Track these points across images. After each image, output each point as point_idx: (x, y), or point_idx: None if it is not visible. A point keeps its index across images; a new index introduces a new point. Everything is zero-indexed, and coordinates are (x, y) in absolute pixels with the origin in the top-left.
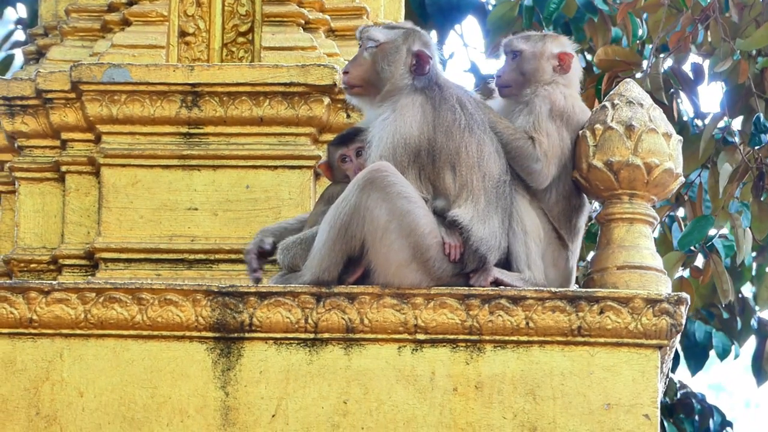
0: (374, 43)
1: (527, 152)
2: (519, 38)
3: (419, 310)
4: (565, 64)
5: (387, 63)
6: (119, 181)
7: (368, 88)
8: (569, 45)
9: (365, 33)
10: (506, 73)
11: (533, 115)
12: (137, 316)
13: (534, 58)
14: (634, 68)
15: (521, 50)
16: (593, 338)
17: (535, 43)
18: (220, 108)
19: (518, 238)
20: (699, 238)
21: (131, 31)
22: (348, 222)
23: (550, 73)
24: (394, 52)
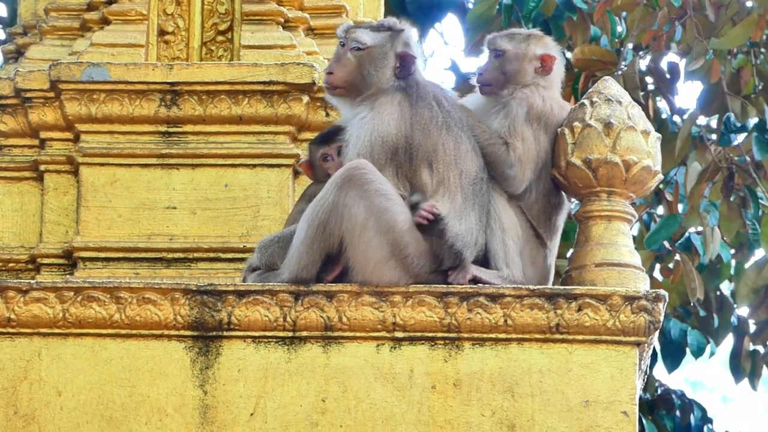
0: (361, 45)
1: (501, 158)
2: (503, 37)
3: (398, 308)
4: (547, 66)
5: (374, 68)
6: (98, 180)
7: (351, 90)
8: (553, 47)
9: (351, 34)
10: (488, 72)
11: (509, 119)
12: (115, 315)
13: (516, 59)
14: (611, 67)
15: (505, 50)
16: (571, 335)
17: (519, 43)
18: (199, 107)
19: (496, 236)
20: (666, 236)
21: (110, 29)
22: (326, 220)
23: (531, 74)
24: (382, 57)
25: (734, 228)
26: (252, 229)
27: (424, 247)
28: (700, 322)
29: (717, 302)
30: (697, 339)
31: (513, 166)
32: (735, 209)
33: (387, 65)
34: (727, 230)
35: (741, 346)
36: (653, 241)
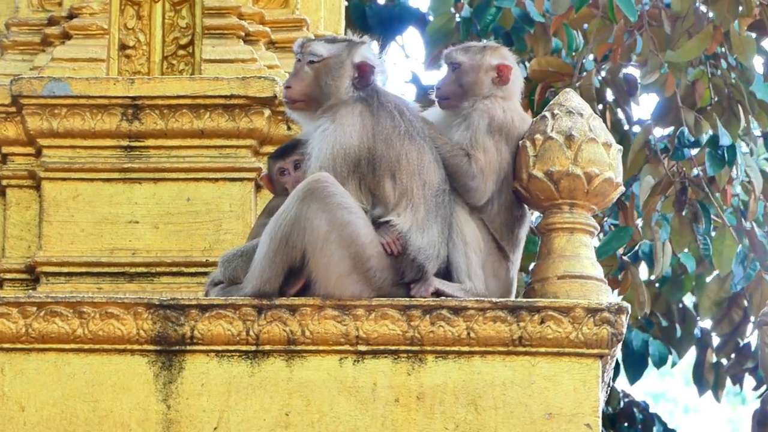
0: (317, 58)
1: (463, 169)
2: (458, 50)
3: (360, 322)
4: (504, 76)
5: (331, 78)
6: (60, 195)
7: (310, 103)
8: (509, 56)
9: (306, 48)
10: (445, 85)
11: (470, 131)
12: (78, 329)
13: (473, 71)
14: (568, 79)
15: (460, 62)
16: (534, 348)
17: (474, 55)
18: (160, 121)
19: (458, 249)
20: (617, 247)
21: (71, 44)
22: (288, 233)
23: (488, 85)
24: (338, 67)
25: (685, 243)
26: (214, 243)
27: (387, 260)
28: (662, 333)
29: (679, 314)
30: (659, 349)
31: (475, 177)
32: (687, 224)
33: (344, 75)
34: (678, 245)
35: (704, 358)
36: (603, 252)
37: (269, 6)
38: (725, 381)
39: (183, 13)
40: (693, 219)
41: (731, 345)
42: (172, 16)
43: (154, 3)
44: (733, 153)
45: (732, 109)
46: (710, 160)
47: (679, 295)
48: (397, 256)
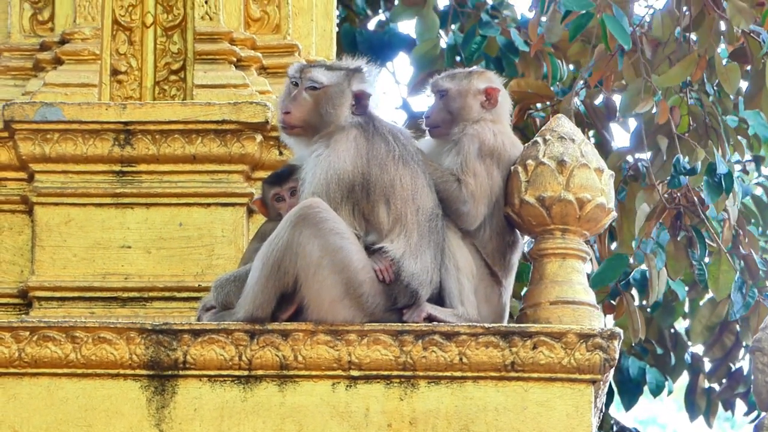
0: (318, 85)
1: (454, 194)
2: (445, 77)
3: (353, 347)
4: (492, 98)
5: (332, 106)
6: (52, 220)
7: (307, 129)
8: (495, 79)
9: (306, 73)
10: (434, 113)
11: (461, 156)
12: (71, 354)
13: (460, 96)
14: (546, 101)
15: (447, 89)
16: (527, 373)
17: (461, 80)
18: (152, 146)
19: (451, 274)
20: (613, 276)
21: (63, 69)
22: (281, 258)
23: (477, 110)
24: (339, 95)
25: (681, 268)
26: (207, 268)
27: (379, 285)
28: (656, 360)
29: (671, 340)
30: (656, 377)
31: (466, 202)
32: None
33: (344, 104)
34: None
35: (696, 383)
36: (598, 281)
37: (261, 31)
38: (717, 406)
39: (174, 39)
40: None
41: (723, 370)
42: (163, 41)
43: (146, 28)
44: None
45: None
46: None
47: (670, 320)
48: (389, 283)
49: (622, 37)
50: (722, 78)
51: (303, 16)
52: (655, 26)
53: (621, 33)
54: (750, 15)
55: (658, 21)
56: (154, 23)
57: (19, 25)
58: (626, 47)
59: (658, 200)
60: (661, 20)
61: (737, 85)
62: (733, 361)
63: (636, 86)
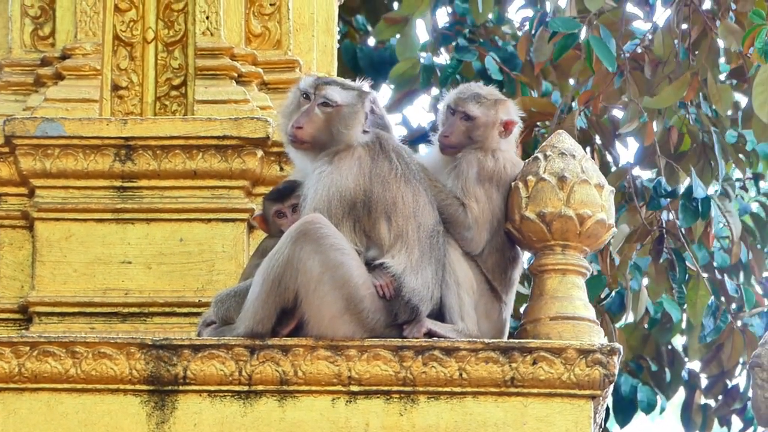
0: (332, 103)
1: (459, 219)
2: (472, 101)
3: (353, 362)
4: (509, 130)
5: (345, 126)
6: (53, 235)
7: (316, 145)
8: (514, 111)
9: (321, 90)
10: (455, 134)
11: (461, 180)
12: (71, 369)
13: (485, 127)
14: (550, 119)
15: (475, 117)
16: (526, 389)
17: (488, 109)
18: (153, 161)
19: (451, 290)
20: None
21: (64, 85)
22: (281, 274)
23: (496, 140)
24: (353, 115)
25: (661, 291)
26: (207, 283)
27: (379, 301)
28: (652, 377)
29: (668, 356)
30: (648, 395)
31: (471, 228)
32: (663, 272)
33: (357, 124)
34: (654, 293)
35: (692, 399)
36: None
37: (262, 47)
38: (713, 422)
39: (176, 54)
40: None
41: (719, 386)
42: (164, 57)
43: (147, 44)
44: (707, 206)
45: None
46: (683, 212)
47: (668, 336)
48: (390, 299)
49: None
50: (714, 99)
51: (304, 31)
52: (656, 45)
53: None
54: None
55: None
56: (155, 39)
57: (20, 41)
58: (611, 69)
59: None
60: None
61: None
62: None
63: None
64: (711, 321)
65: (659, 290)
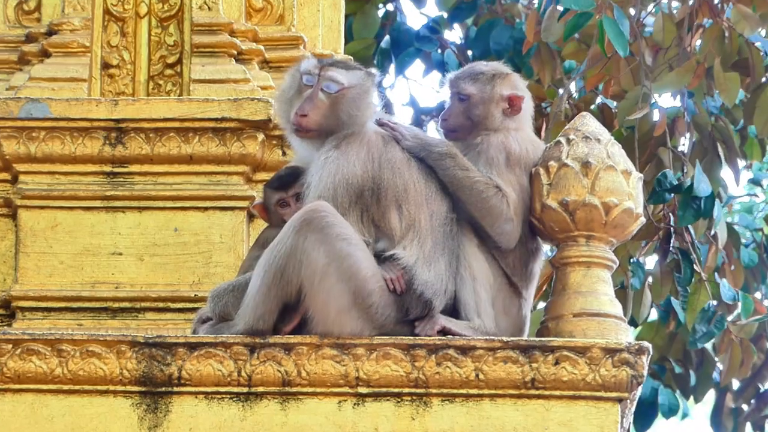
0: (337, 86)
1: (500, 211)
2: (466, 79)
3: (361, 362)
4: (516, 106)
5: (355, 108)
6: (38, 224)
7: (322, 133)
8: (520, 84)
9: (326, 72)
10: (453, 117)
11: (493, 167)
12: (57, 369)
13: (483, 103)
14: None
15: (469, 94)
16: (548, 391)
17: (484, 85)
18: (146, 145)
19: (466, 284)
20: None
21: (51, 63)
22: (283, 266)
23: (499, 118)
24: (362, 96)
25: (665, 292)
26: (204, 276)
27: (390, 295)
28: (675, 380)
29: (697, 357)
30: (669, 398)
31: (511, 220)
32: (668, 272)
33: (369, 105)
34: (658, 294)
35: (723, 403)
36: None
37: (263, 23)
38: (745, 427)
39: (170, 30)
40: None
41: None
42: (158, 33)
43: (140, 19)
44: (711, 204)
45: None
46: (683, 209)
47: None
48: (401, 293)
49: (619, 42)
50: (720, 88)
51: (309, 6)
52: (656, 30)
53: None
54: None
55: (659, 25)
56: (149, 13)
57: (3, 16)
58: (622, 54)
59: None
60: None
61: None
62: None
63: (634, 94)
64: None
65: (663, 292)
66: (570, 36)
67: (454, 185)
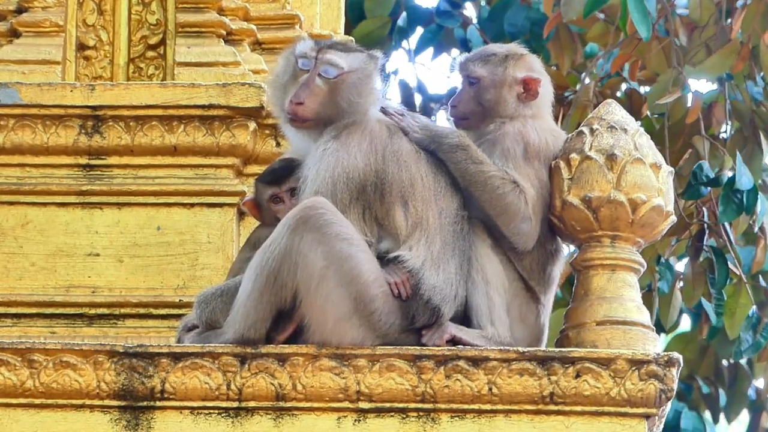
0: (336, 70)
1: (517, 209)
2: (476, 60)
3: (362, 374)
4: (532, 90)
5: (356, 95)
6: (6, 222)
7: (320, 122)
8: (536, 65)
9: (323, 54)
10: (463, 103)
11: (511, 161)
12: (28, 381)
13: (494, 87)
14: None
15: (479, 77)
16: (568, 406)
17: (495, 67)
18: (126, 135)
19: (479, 289)
20: None
21: (20, 43)
22: (277, 269)
23: (513, 103)
24: (364, 82)
25: (697, 295)
26: (189, 280)
27: (394, 301)
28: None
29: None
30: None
31: (529, 219)
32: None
33: (372, 90)
34: (689, 297)
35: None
36: None
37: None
38: None
39: (153, 8)
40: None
41: None
42: (139, 10)
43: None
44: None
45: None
46: (724, 204)
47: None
48: (406, 298)
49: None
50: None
51: None
52: (691, 7)
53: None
54: None
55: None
56: None
57: None
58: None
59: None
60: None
61: None
62: None
63: (666, 77)
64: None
65: (696, 295)
66: (591, 12)
67: (467, 180)
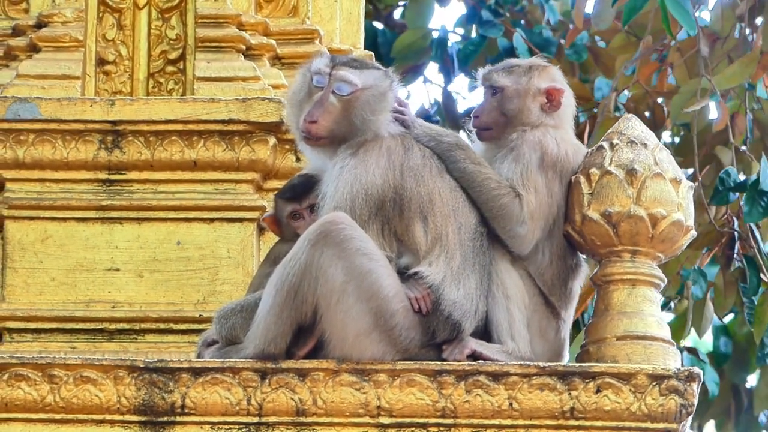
0: (349, 87)
1: (512, 212)
2: (500, 71)
3: (383, 389)
4: (555, 100)
5: (369, 112)
6: (26, 237)
7: (335, 140)
8: (559, 77)
9: (337, 72)
10: (485, 113)
11: (521, 165)
12: (48, 396)
13: (518, 97)
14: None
15: (503, 87)
16: (589, 421)
17: (519, 77)
18: (145, 150)
19: (499, 304)
20: None
21: (40, 58)
22: (297, 284)
23: (537, 113)
24: (378, 99)
25: (728, 304)
26: (209, 295)
27: (414, 316)
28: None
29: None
30: None
31: (524, 222)
32: (732, 282)
33: (384, 108)
34: (721, 307)
35: None
36: None
37: (275, 15)
38: None
39: (172, 23)
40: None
41: None
42: (159, 25)
43: (138, 10)
44: None
45: None
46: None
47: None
48: (426, 314)
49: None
50: None
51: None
52: (713, 19)
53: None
54: None
55: (717, 13)
56: (148, 4)
57: None
58: (691, 33)
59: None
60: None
61: None
62: None
63: (690, 88)
64: None
65: (726, 304)
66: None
67: (465, 180)
